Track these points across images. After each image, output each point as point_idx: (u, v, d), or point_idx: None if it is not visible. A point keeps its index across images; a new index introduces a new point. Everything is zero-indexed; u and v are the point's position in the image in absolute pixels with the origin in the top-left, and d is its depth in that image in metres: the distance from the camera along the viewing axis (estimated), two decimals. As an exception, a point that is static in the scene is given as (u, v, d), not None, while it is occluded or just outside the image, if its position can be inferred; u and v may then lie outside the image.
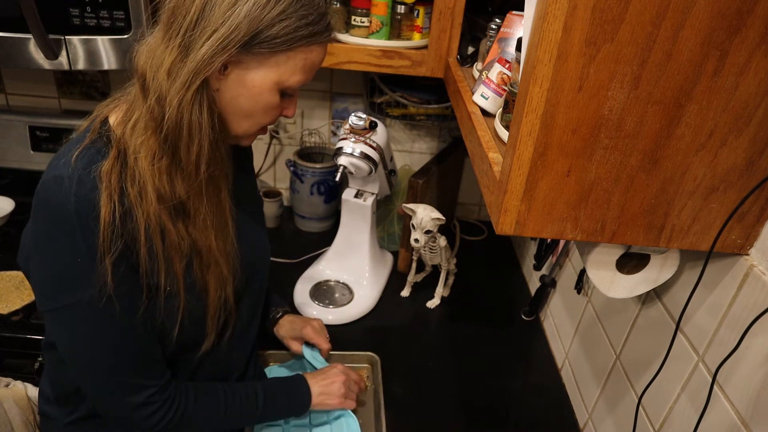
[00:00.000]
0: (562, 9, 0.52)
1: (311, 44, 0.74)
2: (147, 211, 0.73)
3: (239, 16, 0.67)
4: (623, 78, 0.56)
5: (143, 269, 0.75)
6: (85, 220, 0.69)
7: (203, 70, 0.68)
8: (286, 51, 0.72)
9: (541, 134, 0.58)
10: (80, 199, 0.69)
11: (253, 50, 0.70)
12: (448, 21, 1.20)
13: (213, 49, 0.68)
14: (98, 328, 0.76)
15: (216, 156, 0.75)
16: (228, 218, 0.82)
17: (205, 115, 0.71)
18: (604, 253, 0.75)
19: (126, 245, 0.73)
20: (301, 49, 0.73)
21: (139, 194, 0.73)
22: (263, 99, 0.75)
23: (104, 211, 0.69)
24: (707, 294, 0.74)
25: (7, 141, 1.55)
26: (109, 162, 0.72)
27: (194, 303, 0.81)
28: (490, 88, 0.87)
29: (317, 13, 0.74)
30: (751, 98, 0.57)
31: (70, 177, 0.70)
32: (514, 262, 1.63)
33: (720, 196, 0.63)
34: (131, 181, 0.72)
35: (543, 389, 1.19)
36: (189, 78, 0.68)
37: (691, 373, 0.76)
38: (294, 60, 0.74)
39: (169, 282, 0.78)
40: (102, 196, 0.70)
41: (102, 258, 0.71)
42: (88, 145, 0.74)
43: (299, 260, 1.51)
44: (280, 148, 1.73)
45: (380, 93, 1.49)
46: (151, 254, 0.75)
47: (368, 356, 1.19)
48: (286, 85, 0.76)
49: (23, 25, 1.04)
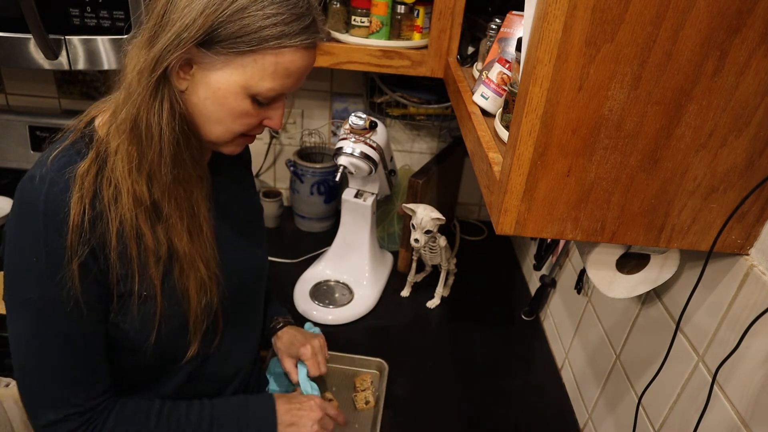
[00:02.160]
0: (562, 9, 0.52)
1: (282, 47, 0.68)
2: (122, 214, 0.71)
3: (194, 10, 0.64)
4: (623, 78, 0.56)
5: (113, 275, 0.73)
6: (51, 221, 0.68)
7: (158, 67, 0.66)
8: (251, 53, 0.67)
9: (541, 134, 0.58)
10: (49, 200, 0.68)
11: (214, 49, 0.67)
12: (448, 21, 1.20)
13: (167, 45, 0.65)
14: (41, 332, 0.73)
15: (181, 158, 0.72)
16: (203, 223, 0.79)
17: (165, 114, 0.68)
18: (604, 253, 0.75)
19: (93, 250, 0.71)
20: (270, 51, 0.67)
21: (114, 197, 0.71)
22: (229, 104, 0.71)
23: (73, 213, 0.68)
24: (707, 294, 0.74)
25: (7, 141, 1.55)
26: (86, 163, 0.70)
27: (173, 309, 0.79)
28: (490, 88, 0.87)
29: (291, 12, 0.67)
30: (751, 98, 0.57)
31: (42, 177, 0.69)
32: (514, 262, 1.63)
33: (720, 196, 0.63)
34: (107, 183, 0.71)
35: (543, 389, 1.19)
36: (147, 75, 0.66)
37: (691, 373, 0.76)
38: (262, 63, 0.68)
39: (144, 287, 0.76)
40: (73, 198, 0.69)
41: (68, 262, 0.69)
42: (68, 146, 0.73)
43: (299, 260, 1.51)
44: (280, 148, 1.73)
45: (380, 93, 1.49)
46: (123, 259, 0.73)
47: (377, 362, 1.16)
48: (255, 91, 0.70)
49: (23, 25, 1.04)
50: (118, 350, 0.80)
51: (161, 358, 0.83)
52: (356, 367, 1.17)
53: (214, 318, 0.86)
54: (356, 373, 1.16)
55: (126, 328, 0.78)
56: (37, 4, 1.02)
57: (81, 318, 0.73)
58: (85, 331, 0.75)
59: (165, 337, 0.80)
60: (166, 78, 0.67)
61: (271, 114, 0.76)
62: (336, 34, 1.27)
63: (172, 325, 0.80)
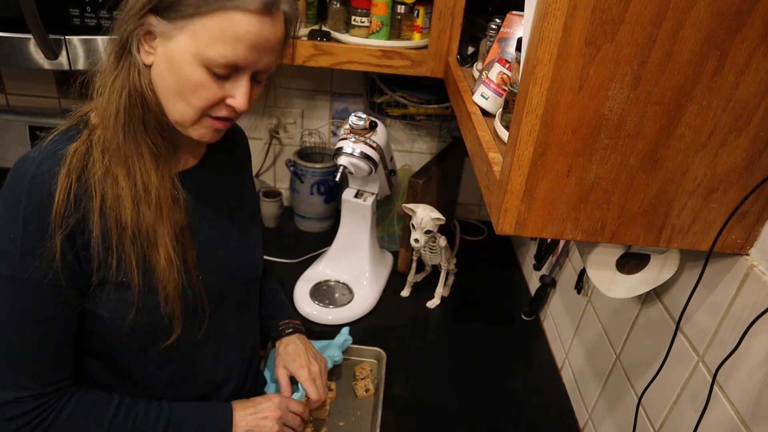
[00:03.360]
0: (562, 9, 0.52)
1: (228, 9, 0.67)
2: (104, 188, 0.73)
3: None
4: (623, 78, 0.56)
5: (95, 254, 0.74)
6: (34, 200, 0.69)
7: (119, 42, 0.70)
8: (199, 16, 0.67)
9: (541, 134, 0.58)
10: (36, 179, 0.70)
11: (166, 15, 0.68)
12: (448, 21, 1.20)
13: (124, 19, 0.68)
14: (6, 310, 0.73)
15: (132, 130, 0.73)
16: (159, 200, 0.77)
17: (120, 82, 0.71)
18: (604, 253, 0.75)
19: (78, 224, 0.72)
20: (217, 14, 0.67)
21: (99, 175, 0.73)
22: (185, 73, 0.70)
23: (59, 187, 0.70)
24: (707, 294, 0.74)
25: (7, 141, 1.55)
26: (78, 142, 0.73)
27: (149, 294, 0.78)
28: (490, 88, 0.87)
29: None
30: (751, 98, 0.57)
31: (33, 158, 0.71)
32: (514, 262, 1.63)
33: (720, 196, 0.63)
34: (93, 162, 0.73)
35: (543, 389, 1.19)
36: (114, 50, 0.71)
37: (691, 373, 0.76)
38: (210, 28, 0.67)
39: (120, 271, 0.76)
40: (60, 173, 0.70)
41: (50, 236, 0.70)
42: (63, 131, 0.75)
43: (299, 260, 1.51)
44: (280, 148, 1.73)
45: (380, 93, 1.49)
46: (104, 241, 0.74)
47: (375, 351, 1.20)
48: (208, 57, 0.69)
49: (23, 25, 1.04)
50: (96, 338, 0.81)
51: (140, 341, 0.82)
52: (354, 357, 1.20)
53: (200, 307, 0.85)
54: (355, 362, 1.18)
55: (101, 316, 0.78)
56: (37, 4, 1.02)
57: (50, 301, 0.73)
58: (53, 315, 0.75)
59: (142, 326, 0.80)
60: (128, 51, 0.70)
61: (233, 91, 0.74)
62: (336, 34, 1.27)
63: (148, 313, 0.79)
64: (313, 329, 1.27)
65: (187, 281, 0.82)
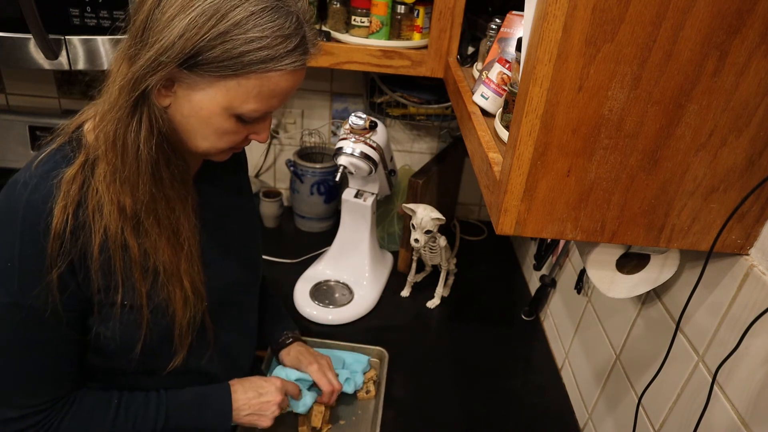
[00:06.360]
0: (562, 9, 0.52)
1: (267, 71, 0.65)
2: (106, 224, 0.70)
3: (173, 33, 0.61)
4: (623, 78, 0.56)
5: (94, 286, 0.72)
6: (28, 228, 0.67)
7: (137, 87, 0.63)
8: (235, 77, 0.65)
9: (541, 134, 0.58)
10: (30, 206, 0.67)
11: (196, 71, 0.64)
12: (448, 21, 1.20)
13: (147, 66, 0.62)
14: (7, 335, 0.72)
15: (160, 176, 0.71)
16: (186, 241, 0.77)
17: (144, 133, 0.66)
18: (604, 253, 0.75)
19: (73, 262, 0.70)
20: (254, 75, 0.65)
21: (99, 207, 0.70)
22: (213, 123, 0.69)
23: (56, 221, 0.67)
24: (707, 294, 0.74)
25: (7, 141, 1.55)
26: (73, 169, 0.69)
27: (158, 320, 0.79)
28: (490, 88, 0.87)
29: (276, 35, 0.64)
30: (751, 98, 0.57)
31: (26, 182, 0.68)
32: (514, 262, 1.63)
33: (720, 196, 0.63)
34: (93, 192, 0.69)
35: (543, 389, 1.19)
36: (127, 93, 0.64)
37: (691, 373, 0.76)
38: (245, 86, 0.66)
39: (127, 298, 0.75)
40: (57, 206, 0.67)
41: (46, 271, 0.68)
42: (54, 150, 0.71)
43: (299, 260, 1.51)
44: (280, 148, 1.73)
45: (380, 93, 1.50)
46: (105, 270, 0.72)
47: (377, 351, 1.20)
48: (239, 112, 0.68)
49: (23, 25, 1.04)
50: (102, 355, 0.80)
51: (145, 366, 0.82)
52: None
53: (202, 329, 0.85)
54: None
55: (108, 336, 0.77)
56: (37, 4, 1.02)
57: (50, 326, 0.72)
58: (53, 338, 0.74)
59: (149, 347, 0.80)
60: (145, 97, 0.65)
61: (257, 129, 0.74)
62: (336, 34, 1.27)
63: (157, 335, 0.79)
64: (313, 329, 1.27)
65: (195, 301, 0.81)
